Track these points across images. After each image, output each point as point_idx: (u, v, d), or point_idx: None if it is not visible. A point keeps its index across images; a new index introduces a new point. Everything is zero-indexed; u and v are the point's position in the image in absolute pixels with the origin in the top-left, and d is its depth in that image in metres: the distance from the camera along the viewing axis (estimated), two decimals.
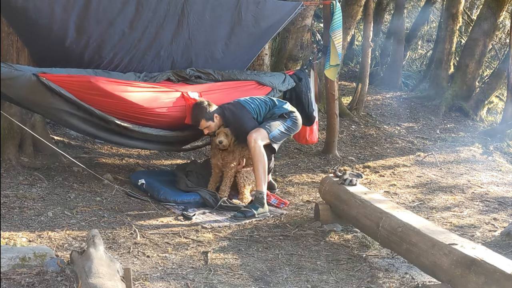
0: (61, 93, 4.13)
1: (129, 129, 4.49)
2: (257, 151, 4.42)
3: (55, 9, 4.18)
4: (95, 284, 2.47)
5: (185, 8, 4.75)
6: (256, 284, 3.21)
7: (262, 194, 4.45)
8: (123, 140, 4.66)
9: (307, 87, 5.46)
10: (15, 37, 4.58)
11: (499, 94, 10.07)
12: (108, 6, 4.39)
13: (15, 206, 4.05)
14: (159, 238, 3.79)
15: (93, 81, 4.25)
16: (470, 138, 7.99)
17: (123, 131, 4.50)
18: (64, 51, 4.44)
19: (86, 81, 4.25)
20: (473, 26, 9.81)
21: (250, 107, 4.65)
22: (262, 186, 4.45)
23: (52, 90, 4.10)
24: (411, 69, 13.02)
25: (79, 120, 4.34)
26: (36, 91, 4.08)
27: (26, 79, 4.04)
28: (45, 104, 4.21)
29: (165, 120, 4.61)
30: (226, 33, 5.11)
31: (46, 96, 4.12)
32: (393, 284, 3.27)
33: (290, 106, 4.81)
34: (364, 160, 6.43)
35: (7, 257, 2.99)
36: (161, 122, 4.62)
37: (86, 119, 4.35)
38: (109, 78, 4.44)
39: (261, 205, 4.42)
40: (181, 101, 4.62)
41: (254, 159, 4.45)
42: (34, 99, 4.18)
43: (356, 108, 8.43)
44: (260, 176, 4.43)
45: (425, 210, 4.82)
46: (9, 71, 4.01)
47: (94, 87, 4.24)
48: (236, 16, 5.05)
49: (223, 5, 4.98)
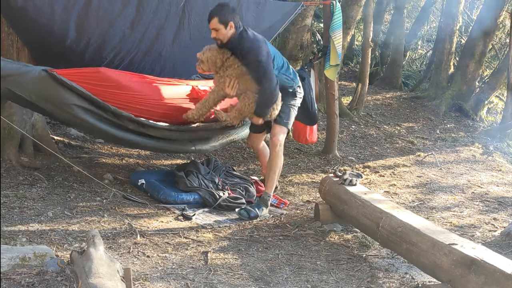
0: (73, 87, 4.01)
1: (142, 125, 4.35)
2: (279, 155, 4.45)
3: (55, 9, 4.16)
4: (95, 284, 2.47)
5: (185, 8, 4.74)
6: (256, 284, 3.21)
7: (269, 196, 4.46)
8: (137, 139, 4.47)
9: (309, 87, 5.45)
10: (15, 37, 4.57)
11: (499, 94, 10.07)
12: (108, 6, 4.38)
13: (15, 206, 4.05)
14: (159, 238, 3.80)
15: (103, 71, 4.19)
16: (470, 138, 7.99)
17: (136, 128, 4.36)
18: (65, 51, 4.42)
19: (96, 72, 4.17)
20: (473, 26, 9.82)
21: (273, 50, 4.38)
22: (271, 188, 4.47)
23: (64, 84, 3.99)
24: (411, 69, 13.03)
25: (93, 116, 4.17)
26: (47, 86, 3.98)
27: (36, 74, 3.96)
28: (56, 100, 4.05)
29: (177, 114, 4.48)
30: None
31: (58, 90, 4.00)
32: (393, 284, 3.27)
33: (298, 78, 4.68)
34: (364, 160, 6.43)
35: (7, 257, 2.99)
36: (172, 116, 4.49)
37: (99, 115, 4.19)
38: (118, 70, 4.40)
39: (265, 206, 4.42)
40: (192, 94, 4.56)
41: (273, 162, 4.44)
42: (46, 96, 4.03)
43: (356, 108, 8.43)
44: (273, 178, 4.44)
45: (425, 210, 4.82)
46: (18, 66, 3.97)
47: (104, 77, 4.16)
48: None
49: None
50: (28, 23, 4.19)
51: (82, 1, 4.23)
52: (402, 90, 10.84)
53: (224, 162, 5.57)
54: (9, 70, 3.91)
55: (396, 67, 11.05)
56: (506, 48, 10.12)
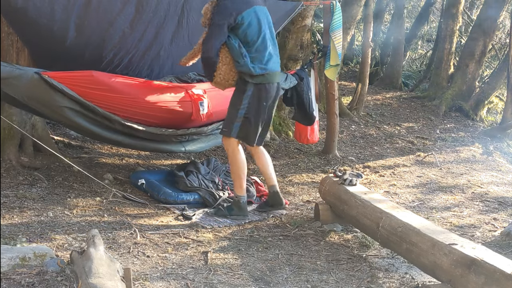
0: (63, 91, 4.08)
1: (133, 129, 4.42)
2: (234, 159, 4.29)
3: (55, 9, 4.17)
4: (95, 284, 2.47)
5: (184, 8, 4.74)
6: (256, 284, 3.21)
7: (238, 197, 4.34)
8: (128, 140, 4.56)
9: (308, 87, 5.46)
10: (15, 37, 4.58)
11: (499, 94, 10.07)
12: (108, 6, 4.38)
13: (15, 206, 4.06)
14: (159, 238, 3.79)
15: (95, 75, 4.22)
16: (470, 138, 7.99)
17: (127, 130, 4.43)
18: (64, 51, 4.43)
19: (88, 75, 4.21)
20: (473, 26, 9.82)
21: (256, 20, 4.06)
22: (237, 189, 4.34)
23: (55, 88, 4.06)
24: (411, 69, 13.04)
25: (84, 119, 4.26)
26: (39, 89, 4.04)
27: (29, 77, 4.01)
28: (48, 103, 4.14)
29: (170, 116, 4.55)
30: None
31: (49, 94, 4.07)
32: (393, 284, 3.27)
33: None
34: (364, 160, 6.43)
35: (7, 257, 2.99)
36: (165, 118, 4.55)
37: (90, 118, 4.27)
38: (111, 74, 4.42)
39: (237, 208, 4.31)
40: (185, 97, 4.58)
41: (231, 166, 4.37)
42: (38, 98, 4.12)
43: (356, 108, 8.44)
44: (236, 180, 4.33)
45: (425, 210, 4.82)
46: (11, 69, 4.00)
47: (96, 81, 4.20)
48: None
49: None
50: (28, 23, 4.20)
51: (82, 1, 4.24)
52: (402, 90, 10.84)
53: (224, 162, 5.57)
54: (3, 73, 3.95)
55: (396, 67, 11.05)
56: (506, 48, 10.12)
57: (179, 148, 4.88)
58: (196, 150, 5.19)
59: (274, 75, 4.21)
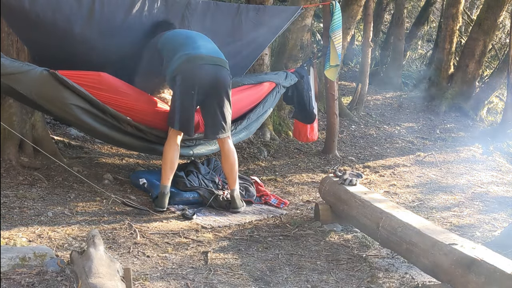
0: (74, 87, 4.06)
1: (142, 130, 4.41)
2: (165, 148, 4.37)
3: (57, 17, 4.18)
4: (95, 284, 2.47)
5: (185, 16, 4.75)
6: (256, 284, 3.21)
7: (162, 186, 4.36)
8: (136, 142, 4.53)
9: (308, 85, 5.46)
10: (15, 37, 4.59)
11: (499, 94, 10.08)
12: (111, 16, 4.41)
13: (15, 206, 4.05)
14: (159, 238, 3.80)
15: (104, 75, 4.22)
16: (470, 138, 7.99)
17: (135, 131, 4.41)
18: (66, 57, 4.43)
19: (97, 75, 4.20)
20: (473, 26, 9.81)
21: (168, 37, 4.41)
22: (163, 179, 4.36)
23: (65, 84, 4.03)
24: (411, 69, 13.03)
25: (91, 117, 4.22)
26: (48, 85, 4.02)
27: (37, 73, 3.99)
28: (56, 99, 4.10)
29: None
30: (226, 40, 5.09)
31: (58, 90, 4.04)
32: (393, 284, 3.27)
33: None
34: (364, 160, 6.44)
35: (7, 257, 2.98)
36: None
37: (98, 117, 4.24)
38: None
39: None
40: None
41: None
42: (46, 95, 4.08)
43: (356, 108, 8.44)
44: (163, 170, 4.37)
45: (425, 210, 4.82)
46: (20, 65, 4.00)
47: (104, 81, 4.20)
48: (236, 23, 5.05)
49: (223, 12, 4.98)
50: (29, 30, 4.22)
51: (85, 11, 4.25)
52: (402, 90, 10.84)
53: None
54: (11, 68, 3.94)
55: (396, 67, 11.05)
56: (506, 48, 10.12)
57: (187, 152, 4.85)
58: (205, 154, 5.17)
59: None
